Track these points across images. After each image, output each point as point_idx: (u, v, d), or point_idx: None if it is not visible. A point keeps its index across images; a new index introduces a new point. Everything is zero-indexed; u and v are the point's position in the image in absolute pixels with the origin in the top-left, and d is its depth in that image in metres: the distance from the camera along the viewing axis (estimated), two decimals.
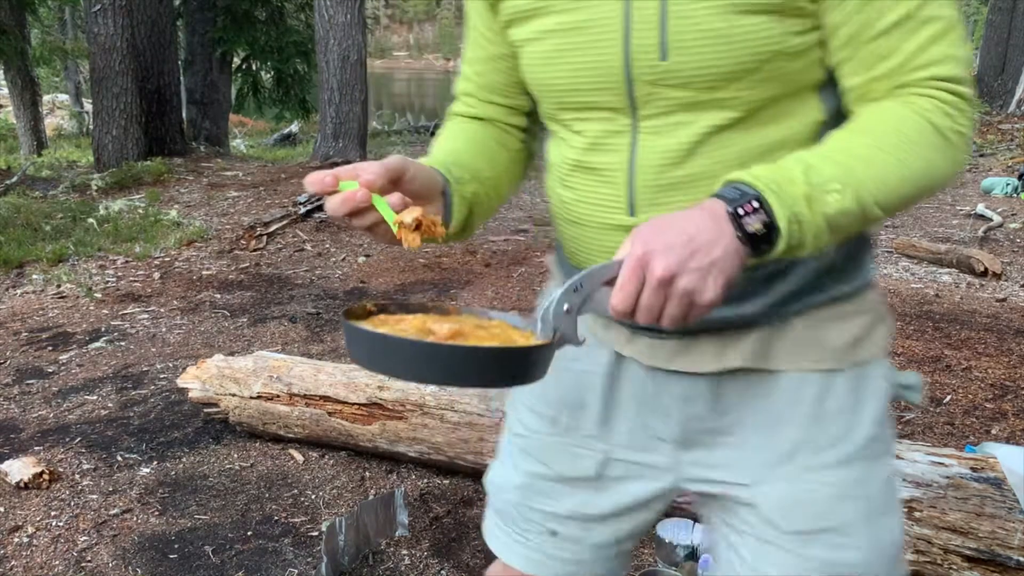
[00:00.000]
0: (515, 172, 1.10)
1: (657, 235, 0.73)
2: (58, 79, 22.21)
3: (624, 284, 0.73)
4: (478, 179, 0.98)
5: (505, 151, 1.07)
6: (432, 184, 0.90)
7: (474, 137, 1.07)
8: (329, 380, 2.72)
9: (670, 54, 0.82)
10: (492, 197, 1.03)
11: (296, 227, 6.29)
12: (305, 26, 12.25)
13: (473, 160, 1.01)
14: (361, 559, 2.24)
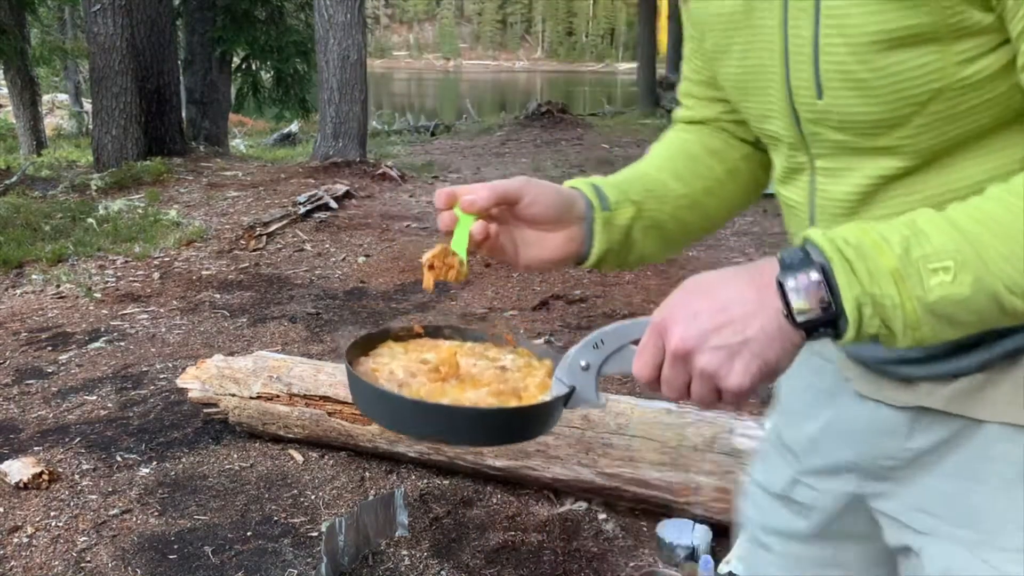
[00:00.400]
0: (732, 188, 0.95)
1: (686, 299, 0.64)
2: (58, 79, 22.20)
3: (642, 351, 0.66)
4: (659, 199, 0.88)
5: (720, 163, 0.94)
6: (562, 209, 0.81)
7: (678, 148, 0.95)
8: (329, 380, 2.72)
9: (824, 93, 0.70)
10: (682, 219, 0.90)
11: (296, 227, 6.29)
12: (305, 26, 12.25)
13: (660, 176, 0.90)
14: (361, 559, 2.24)
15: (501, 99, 35.74)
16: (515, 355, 0.85)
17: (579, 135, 13.26)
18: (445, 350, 0.83)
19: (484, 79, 68.59)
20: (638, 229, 0.87)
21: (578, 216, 0.83)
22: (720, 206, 0.95)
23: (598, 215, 0.83)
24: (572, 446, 2.33)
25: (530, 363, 0.83)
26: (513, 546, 2.30)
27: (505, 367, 0.82)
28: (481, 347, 0.86)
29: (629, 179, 0.90)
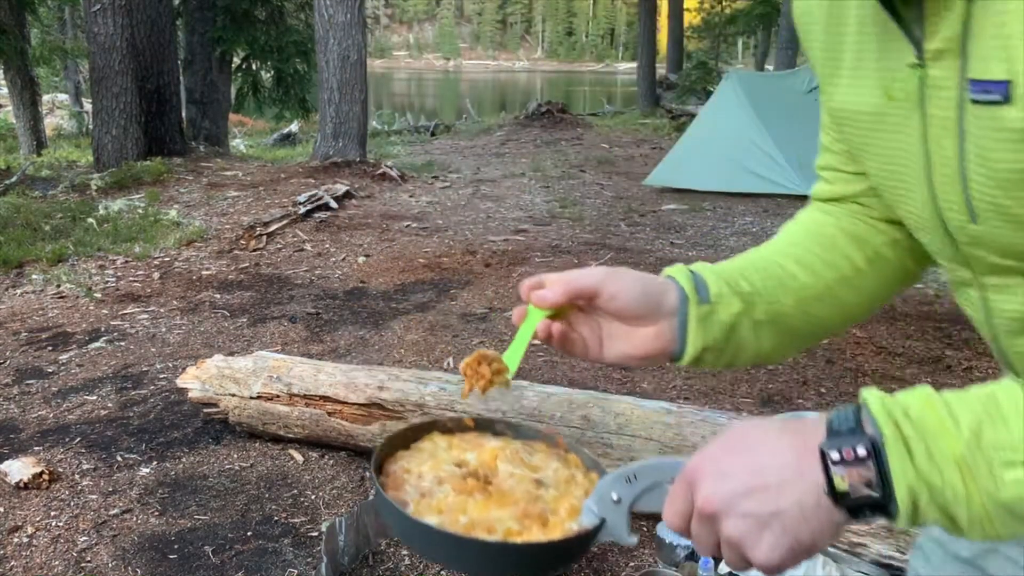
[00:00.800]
0: (873, 279, 0.83)
1: (720, 452, 0.57)
2: (58, 79, 22.20)
3: (672, 498, 0.60)
4: (777, 290, 0.78)
5: (860, 250, 0.83)
6: (649, 303, 0.73)
7: (811, 230, 0.86)
8: (329, 380, 2.72)
9: (979, 219, 0.63)
10: (810, 313, 0.80)
11: (296, 227, 6.29)
12: (305, 26, 12.25)
13: (783, 263, 0.81)
14: (361, 559, 2.24)
15: (501, 99, 35.75)
16: (561, 463, 0.79)
17: (579, 135, 13.26)
18: (487, 452, 0.78)
19: (484, 79, 68.57)
20: (746, 326, 0.77)
21: (669, 311, 0.74)
22: (859, 299, 0.83)
23: (693, 309, 0.74)
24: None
25: (573, 477, 0.77)
26: None
27: (542, 482, 0.75)
28: (528, 449, 0.80)
29: (741, 267, 0.80)
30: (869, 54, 0.69)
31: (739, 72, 9.31)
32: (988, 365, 3.45)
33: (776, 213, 7.05)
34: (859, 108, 0.72)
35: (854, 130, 0.74)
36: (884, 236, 0.84)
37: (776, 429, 0.57)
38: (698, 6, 26.22)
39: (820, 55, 0.76)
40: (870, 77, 0.70)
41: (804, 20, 0.78)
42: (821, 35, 0.75)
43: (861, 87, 0.71)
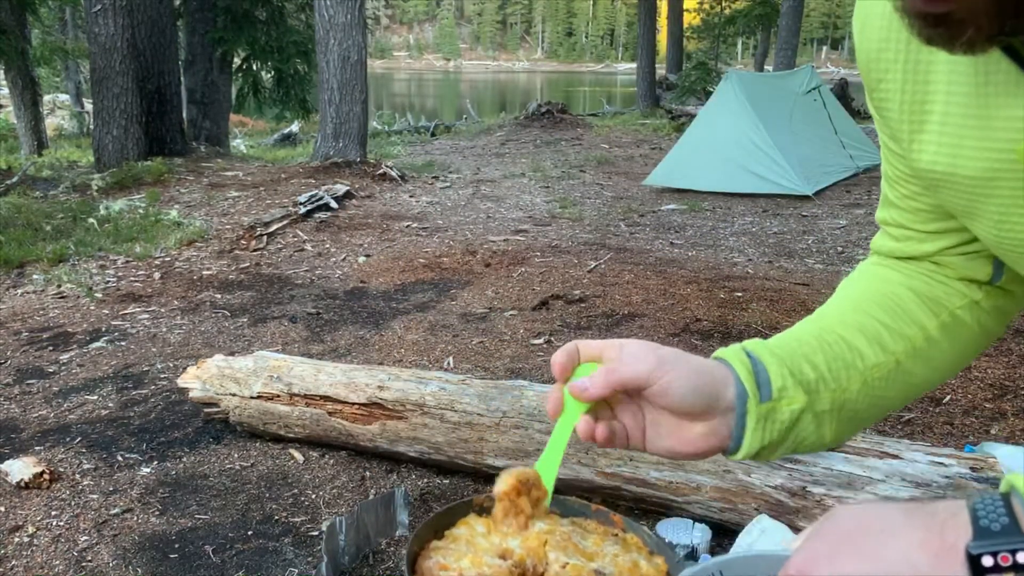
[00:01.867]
0: (946, 348, 0.75)
1: (833, 548, 0.48)
2: (58, 79, 22.21)
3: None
4: (843, 375, 0.69)
5: (934, 316, 0.74)
6: (706, 400, 0.64)
7: (878, 293, 0.76)
8: (329, 380, 2.73)
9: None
10: (874, 396, 0.71)
11: (296, 227, 6.29)
12: (305, 26, 12.25)
13: (849, 337, 0.71)
14: (361, 558, 2.24)
15: (501, 99, 35.75)
16: (619, 547, 0.70)
17: (579, 135, 13.26)
18: (534, 538, 0.68)
19: (484, 79, 68.56)
20: (808, 420, 0.68)
21: (726, 407, 0.65)
22: (928, 373, 0.74)
23: (753, 408, 0.65)
24: (572, 445, 2.32)
25: (637, 564, 0.67)
26: None
27: (602, 572, 0.66)
28: (579, 531, 0.70)
29: (806, 347, 0.70)
30: (971, 110, 0.61)
31: (739, 72, 9.31)
32: (987, 365, 3.45)
33: (775, 213, 7.05)
34: (962, 171, 0.63)
35: (955, 193, 0.66)
36: (962, 298, 0.75)
37: (900, 520, 0.47)
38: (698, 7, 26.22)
39: (896, 108, 0.68)
40: (975, 137, 0.61)
41: (876, 67, 0.69)
42: (898, 87, 0.67)
43: (962, 147, 0.62)
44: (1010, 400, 3.13)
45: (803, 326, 0.74)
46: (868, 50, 0.69)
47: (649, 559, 0.69)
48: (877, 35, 0.68)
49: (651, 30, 19.41)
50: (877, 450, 2.04)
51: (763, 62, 24.89)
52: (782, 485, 2.03)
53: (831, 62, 78.11)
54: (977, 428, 2.93)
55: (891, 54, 0.67)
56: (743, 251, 5.72)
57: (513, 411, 2.44)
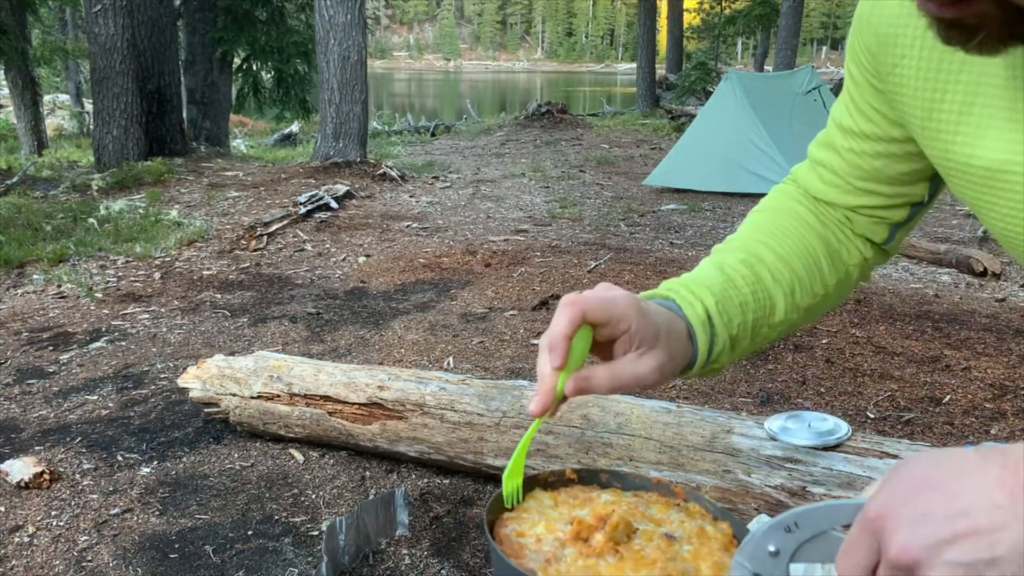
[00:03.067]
0: (830, 302, 0.86)
1: (911, 492, 0.49)
2: (59, 79, 22.22)
3: (850, 549, 0.52)
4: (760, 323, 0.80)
5: (834, 272, 0.86)
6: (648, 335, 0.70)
7: (796, 241, 0.84)
8: (329, 380, 2.73)
9: None
10: (759, 338, 0.82)
11: (296, 227, 6.29)
12: (305, 26, 12.26)
13: (773, 292, 0.81)
14: (361, 558, 2.25)
15: (501, 99, 35.76)
16: (684, 514, 0.72)
17: (579, 135, 13.26)
18: (600, 507, 0.71)
19: (484, 79, 68.57)
20: (725, 354, 0.79)
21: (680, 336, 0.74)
22: (805, 319, 0.84)
23: (702, 350, 0.75)
24: (572, 445, 2.33)
25: (703, 529, 0.70)
26: None
27: (673, 536, 0.68)
28: (643, 501, 0.73)
29: (742, 302, 0.79)
30: (999, 101, 0.64)
31: (739, 72, 9.31)
32: (987, 365, 3.45)
33: None
34: (978, 162, 0.67)
35: (967, 184, 0.70)
36: (858, 256, 0.85)
37: (975, 461, 0.48)
38: (697, 7, 26.22)
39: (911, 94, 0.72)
40: (1000, 128, 0.65)
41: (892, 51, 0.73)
42: (915, 72, 0.71)
43: (985, 136, 0.66)
44: (1010, 400, 3.13)
45: (743, 273, 0.79)
46: (882, 34, 0.72)
47: (714, 524, 0.71)
48: (893, 20, 0.71)
49: (651, 30, 19.41)
50: (877, 450, 2.04)
51: (763, 62, 24.89)
52: (782, 485, 2.03)
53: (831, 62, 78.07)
54: (977, 428, 2.93)
55: (908, 39, 0.70)
56: None
57: (513, 411, 2.44)
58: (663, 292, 0.78)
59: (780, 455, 2.08)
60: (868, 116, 0.79)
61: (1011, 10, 0.50)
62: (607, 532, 0.66)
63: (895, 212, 0.84)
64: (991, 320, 4.05)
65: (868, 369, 3.47)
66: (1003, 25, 0.51)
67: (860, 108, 0.80)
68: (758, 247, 0.83)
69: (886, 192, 0.82)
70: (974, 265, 4.86)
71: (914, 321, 4.02)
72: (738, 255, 0.82)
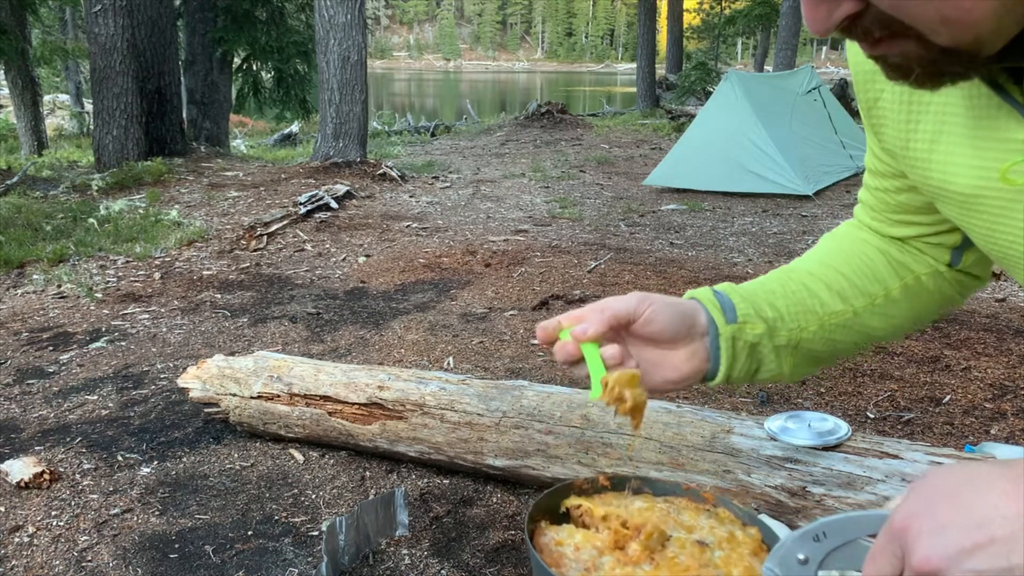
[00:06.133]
0: (906, 308, 0.85)
1: (931, 504, 0.52)
2: (59, 79, 22.23)
3: (876, 556, 0.54)
4: (802, 316, 0.80)
5: (899, 278, 0.85)
6: (682, 324, 0.75)
7: (851, 250, 0.86)
8: (329, 380, 2.73)
9: None
10: (831, 340, 0.82)
11: (296, 227, 6.29)
12: (305, 26, 12.26)
13: (812, 285, 0.82)
14: (361, 558, 2.25)
15: (501, 100, 35.77)
16: (714, 520, 0.74)
17: (579, 135, 13.26)
18: (636, 514, 0.72)
19: (484, 80, 68.57)
20: (768, 348, 0.79)
21: (701, 331, 0.77)
22: (885, 326, 0.84)
23: (723, 330, 0.77)
24: (572, 445, 2.33)
25: (733, 535, 0.72)
26: (513, 545, 2.30)
27: (705, 543, 0.70)
28: (674, 507, 0.75)
29: (769, 288, 0.81)
30: (960, 129, 0.67)
31: (738, 72, 9.31)
32: (987, 365, 3.45)
33: (775, 213, 7.05)
34: (952, 187, 0.70)
35: (949, 206, 0.73)
36: (929, 267, 0.85)
37: (986, 474, 0.51)
38: (697, 7, 26.23)
39: (892, 126, 0.74)
40: (963, 155, 0.67)
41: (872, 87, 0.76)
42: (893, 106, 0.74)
43: (952, 164, 0.69)
44: (1010, 400, 3.13)
45: (772, 274, 0.85)
46: (863, 71, 0.76)
47: (743, 530, 0.73)
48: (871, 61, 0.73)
49: (651, 30, 19.41)
50: (877, 450, 2.04)
51: (763, 62, 24.89)
52: (782, 485, 2.03)
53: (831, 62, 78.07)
54: (977, 428, 2.93)
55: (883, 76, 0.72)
56: (743, 251, 5.72)
57: (513, 411, 2.44)
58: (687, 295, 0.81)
59: (780, 455, 2.08)
60: (878, 155, 0.82)
61: (935, 50, 0.51)
62: (642, 541, 0.68)
63: (945, 237, 0.84)
64: (991, 320, 4.05)
65: (868, 369, 3.47)
66: (930, 64, 0.53)
67: (872, 149, 0.83)
68: (796, 262, 0.87)
69: (925, 221, 0.83)
70: None
71: None
72: (773, 271, 0.86)
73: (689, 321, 0.76)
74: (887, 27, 0.52)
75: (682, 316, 0.75)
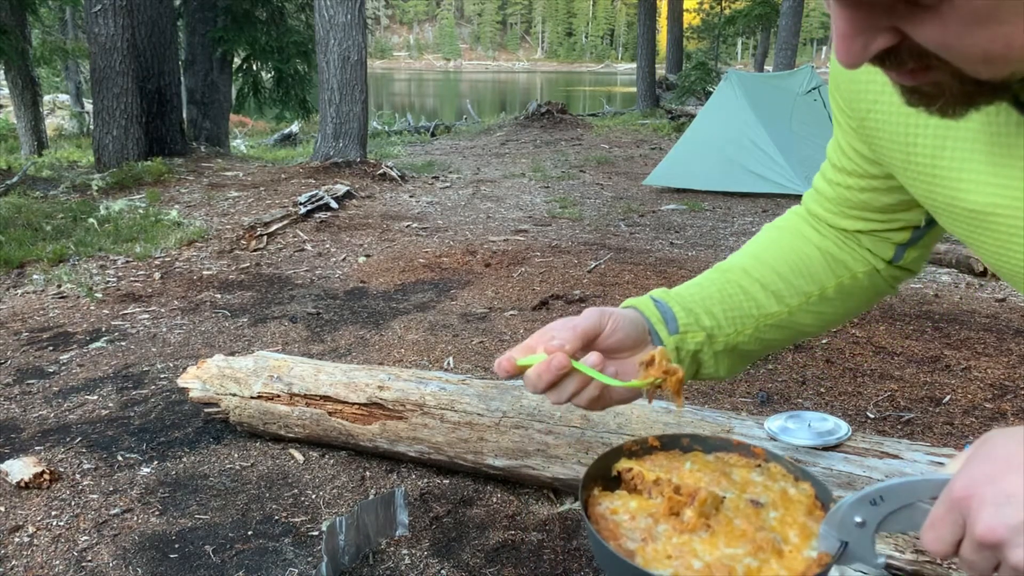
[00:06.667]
0: (838, 306, 0.88)
1: (995, 471, 0.52)
2: (59, 79, 22.22)
3: (937, 522, 0.55)
4: (739, 321, 0.83)
5: (835, 277, 0.87)
6: (636, 335, 0.78)
7: (790, 250, 0.88)
8: (329, 380, 2.73)
9: None
10: (764, 339, 0.85)
11: (296, 227, 6.29)
12: (305, 26, 12.26)
13: (750, 289, 0.84)
14: (362, 558, 2.24)
15: (501, 100, 35.77)
16: (766, 476, 0.74)
17: (579, 135, 13.27)
18: (687, 475, 0.72)
19: (484, 79, 68.58)
20: (707, 354, 0.82)
21: (647, 339, 0.80)
22: (818, 323, 0.87)
23: (666, 341, 0.80)
24: (572, 445, 2.33)
25: (785, 492, 0.72)
26: (513, 545, 2.30)
27: (759, 502, 0.70)
28: (725, 464, 0.75)
29: (707, 292, 0.83)
30: (974, 144, 0.66)
31: (738, 72, 9.31)
32: (987, 365, 3.45)
33: (775, 213, 7.03)
34: (961, 204, 0.69)
35: (953, 222, 0.72)
36: (866, 265, 0.87)
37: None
38: (698, 7, 26.23)
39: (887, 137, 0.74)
40: (976, 171, 0.66)
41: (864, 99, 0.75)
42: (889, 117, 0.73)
43: (961, 180, 0.68)
44: (1010, 400, 3.13)
45: (709, 275, 0.86)
46: (854, 81, 0.75)
47: (796, 485, 0.72)
48: (863, 70, 0.72)
49: (651, 30, 19.41)
50: (877, 450, 2.04)
51: (763, 62, 24.89)
52: None
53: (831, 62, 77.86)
54: (977, 428, 2.93)
55: (878, 86, 0.72)
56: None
57: (513, 411, 2.44)
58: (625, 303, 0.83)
59: (780, 455, 2.07)
60: (850, 156, 0.82)
61: (970, 83, 0.50)
62: (696, 508, 0.68)
63: (895, 234, 0.85)
64: (991, 320, 4.05)
65: (868, 369, 3.47)
66: (962, 95, 0.52)
67: (843, 148, 0.83)
68: (734, 257, 0.89)
69: (879, 219, 0.84)
70: (974, 265, 4.86)
71: (914, 321, 4.02)
72: (712, 269, 0.88)
73: (641, 327, 0.79)
74: (923, 59, 0.50)
75: (635, 324, 0.78)
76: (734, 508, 0.69)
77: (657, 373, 0.73)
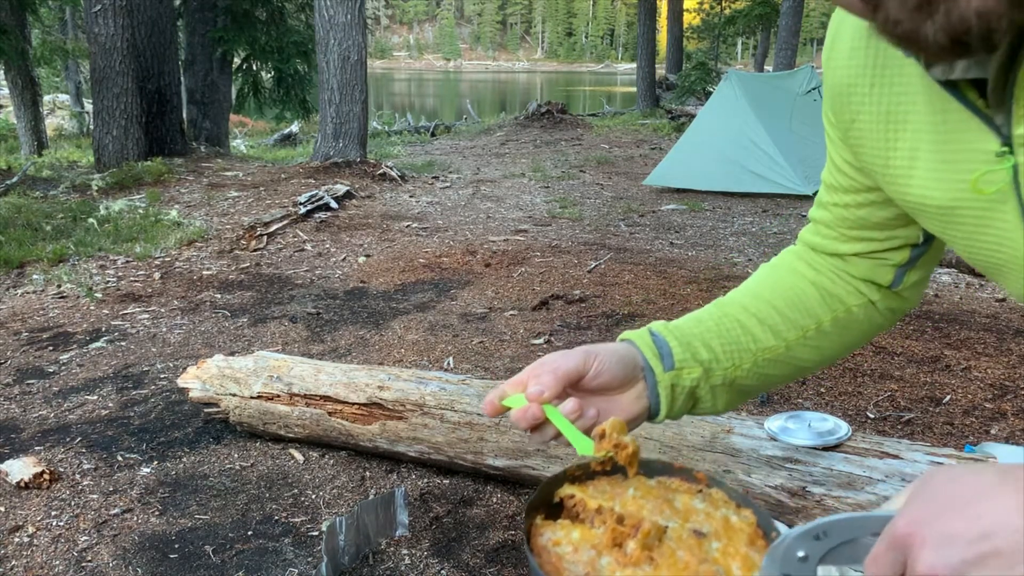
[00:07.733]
0: (835, 340, 0.88)
1: (936, 511, 0.51)
2: (58, 79, 22.22)
3: (877, 560, 0.54)
4: (736, 355, 0.83)
5: (830, 311, 0.88)
6: (625, 373, 0.79)
7: (786, 286, 0.88)
8: (329, 380, 2.73)
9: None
10: (763, 374, 0.85)
11: (296, 227, 6.29)
12: (305, 26, 12.26)
13: (747, 323, 0.85)
14: (361, 559, 2.24)
15: (501, 99, 35.78)
16: (708, 503, 0.74)
17: (579, 135, 13.27)
18: (630, 502, 0.71)
19: (484, 79, 68.58)
20: (704, 389, 0.83)
21: (642, 373, 0.80)
22: (817, 358, 0.88)
23: (661, 377, 0.80)
24: (570, 456, 2.33)
25: (728, 520, 0.71)
26: (513, 545, 2.30)
27: (702, 532, 0.69)
28: (668, 490, 0.75)
29: (705, 327, 0.83)
30: (933, 144, 0.68)
31: (738, 73, 9.31)
32: (987, 365, 3.45)
33: (775, 213, 7.05)
34: (930, 202, 0.71)
35: (929, 220, 0.74)
36: (860, 298, 0.88)
37: (992, 482, 0.50)
38: (698, 7, 26.24)
39: (870, 144, 0.75)
40: (937, 169, 0.68)
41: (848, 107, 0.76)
42: (870, 125, 0.74)
43: (928, 179, 0.70)
44: (1010, 400, 3.13)
45: (708, 309, 0.87)
46: (840, 88, 0.76)
47: (737, 512, 0.72)
48: (845, 77, 0.75)
49: (651, 30, 19.40)
50: (877, 450, 2.04)
51: (763, 62, 24.90)
52: (782, 485, 2.03)
53: None
54: (977, 428, 2.93)
55: (861, 95, 0.74)
56: (743, 251, 5.72)
57: None
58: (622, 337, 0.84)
59: (780, 455, 2.08)
60: (843, 170, 0.82)
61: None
62: (639, 540, 0.67)
63: (894, 255, 0.86)
64: (991, 320, 4.05)
65: (868, 369, 3.47)
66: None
67: (836, 164, 0.83)
68: (732, 294, 0.90)
69: (878, 237, 0.85)
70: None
71: (914, 321, 4.02)
72: (711, 304, 0.89)
73: (631, 364, 0.79)
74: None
75: (624, 362, 0.78)
76: (677, 539, 0.68)
77: (608, 447, 0.73)
